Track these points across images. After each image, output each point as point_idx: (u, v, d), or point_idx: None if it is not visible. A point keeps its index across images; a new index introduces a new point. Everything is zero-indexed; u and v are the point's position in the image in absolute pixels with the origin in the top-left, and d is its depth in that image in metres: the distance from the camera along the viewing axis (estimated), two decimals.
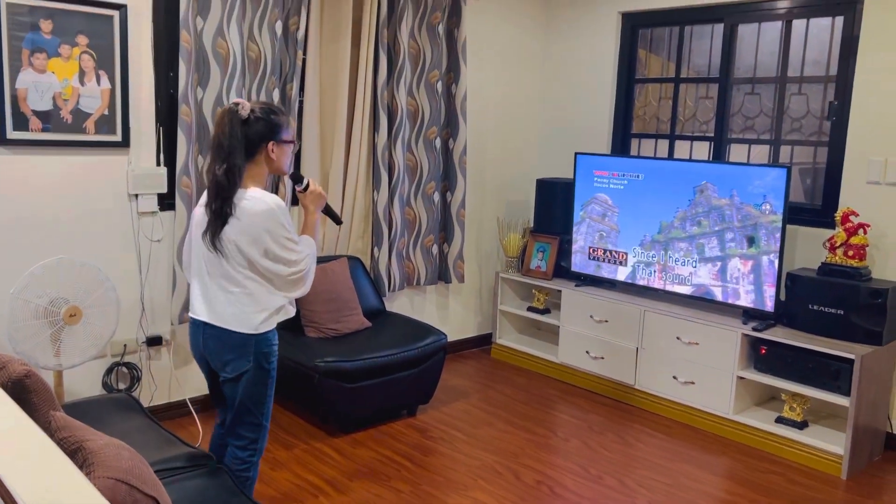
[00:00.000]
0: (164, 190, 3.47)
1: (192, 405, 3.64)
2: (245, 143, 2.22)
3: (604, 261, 4.33)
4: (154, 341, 3.53)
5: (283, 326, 3.71)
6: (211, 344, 2.32)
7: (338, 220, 2.69)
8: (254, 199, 2.21)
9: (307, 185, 2.44)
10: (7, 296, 2.84)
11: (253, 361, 2.29)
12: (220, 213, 2.20)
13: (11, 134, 3.04)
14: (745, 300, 3.73)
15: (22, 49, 3.03)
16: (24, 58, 3.04)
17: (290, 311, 2.38)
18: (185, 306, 3.50)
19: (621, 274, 4.26)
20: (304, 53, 3.80)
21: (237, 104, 2.23)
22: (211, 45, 3.45)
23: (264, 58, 3.65)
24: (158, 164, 3.46)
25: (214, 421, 2.65)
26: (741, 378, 3.67)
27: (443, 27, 4.33)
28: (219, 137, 2.22)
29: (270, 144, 2.26)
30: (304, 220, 2.46)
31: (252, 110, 2.24)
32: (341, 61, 3.97)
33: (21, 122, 3.07)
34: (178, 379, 3.64)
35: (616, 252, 4.27)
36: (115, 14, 3.24)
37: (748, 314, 3.75)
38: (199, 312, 2.34)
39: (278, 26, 3.66)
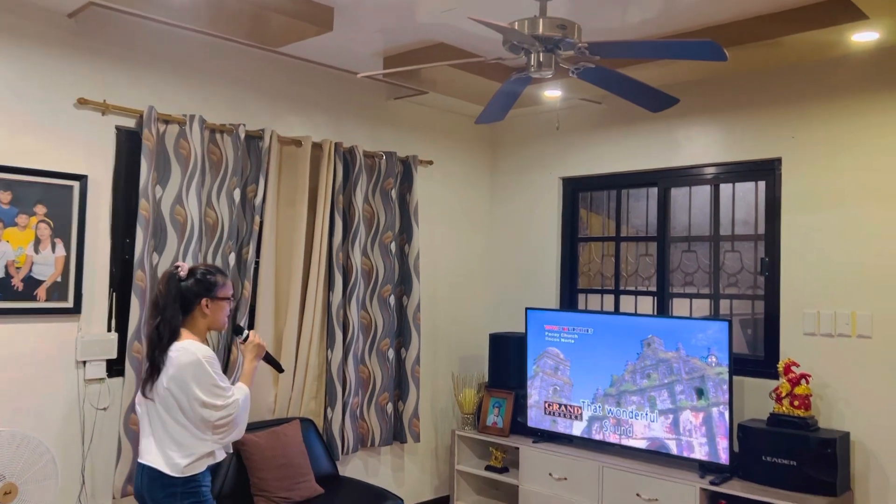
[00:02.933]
0: (114, 356, 3.41)
1: None
2: (180, 300, 2.50)
3: (559, 415, 4.33)
4: None
5: (231, 495, 3.56)
6: (146, 482, 2.49)
7: (279, 368, 2.92)
8: (183, 350, 2.44)
9: (247, 337, 2.71)
10: None
11: (180, 501, 2.44)
12: (154, 363, 2.46)
13: None
14: (700, 453, 3.75)
15: None
16: None
17: (220, 456, 2.55)
18: (130, 478, 3.33)
19: (577, 428, 4.25)
20: (262, 217, 3.92)
21: (177, 267, 2.55)
22: (169, 213, 3.54)
23: (221, 223, 3.74)
24: (109, 329, 3.43)
25: None
26: None
27: (395, 192, 4.54)
28: (157, 296, 2.54)
29: (205, 301, 2.54)
30: (242, 368, 2.69)
31: (191, 271, 2.55)
32: (297, 225, 4.09)
33: None
34: None
35: (571, 406, 4.29)
36: (76, 185, 3.33)
37: (704, 467, 3.75)
38: (141, 453, 2.53)
39: (237, 193, 3.79)
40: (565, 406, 4.31)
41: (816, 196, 3.77)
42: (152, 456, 2.47)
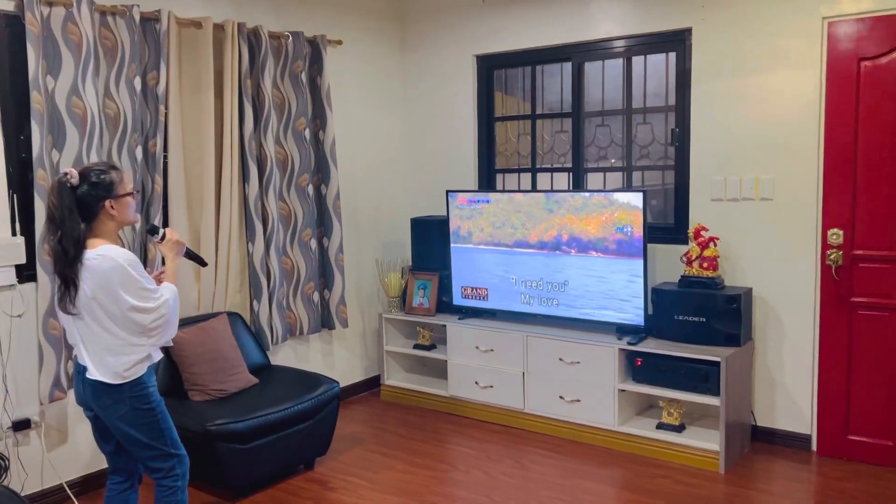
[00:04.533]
0: (23, 260, 3.22)
1: (70, 489, 3.37)
2: (80, 209, 2.33)
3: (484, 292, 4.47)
4: (21, 425, 3.25)
5: (165, 393, 3.53)
6: (89, 392, 2.44)
7: (202, 262, 2.87)
8: (102, 256, 2.33)
9: (164, 236, 2.61)
10: None
11: (129, 405, 2.41)
12: (66, 279, 2.32)
13: None
14: (617, 317, 3.97)
15: None
16: None
17: (156, 356, 2.52)
18: (56, 383, 3.25)
19: (501, 303, 4.40)
20: (166, 108, 3.69)
21: (66, 174, 2.34)
22: (65, 105, 3.28)
23: (124, 115, 3.51)
24: (14, 233, 3.22)
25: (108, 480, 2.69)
26: (622, 391, 3.89)
27: (305, 75, 4.35)
28: (50, 209, 2.33)
29: (108, 203, 2.38)
30: (165, 267, 2.60)
31: (82, 175, 2.35)
32: (205, 114, 3.88)
33: None
34: (51, 462, 3.35)
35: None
36: None
37: (622, 330, 3.99)
38: (78, 362, 2.46)
39: (137, 82, 3.54)
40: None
41: (724, 65, 3.88)
42: (91, 367, 2.40)
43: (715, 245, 3.83)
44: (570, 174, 4.63)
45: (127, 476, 2.65)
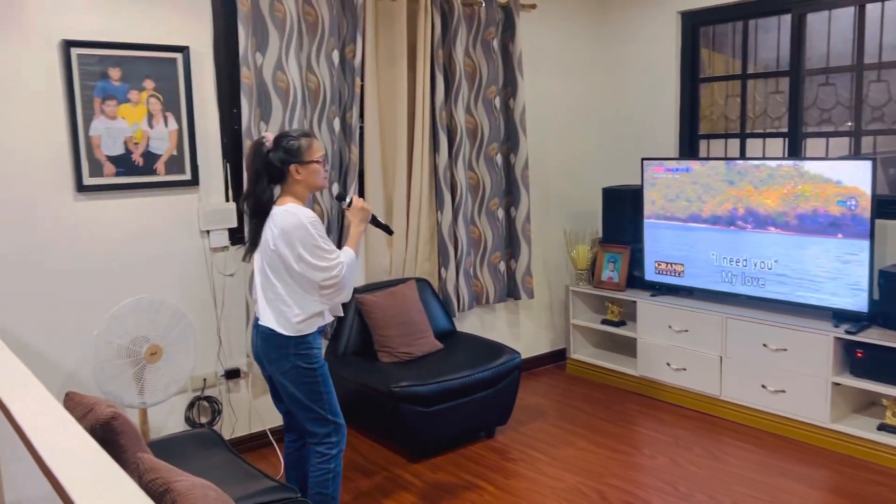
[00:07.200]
0: (234, 224, 3.52)
1: (272, 435, 3.67)
2: (269, 170, 2.50)
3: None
4: (232, 374, 3.58)
5: (355, 352, 3.72)
6: (260, 343, 2.58)
7: (389, 231, 2.88)
8: (288, 212, 2.47)
9: (350, 202, 2.68)
10: (92, 337, 2.91)
11: (293, 361, 2.51)
12: (252, 231, 2.54)
13: (88, 180, 3.15)
14: (835, 301, 3.53)
15: (93, 98, 3.13)
16: (96, 106, 3.14)
17: (328, 318, 2.61)
18: None
19: (698, 281, 4.10)
20: (362, 80, 3.82)
21: (263, 137, 2.52)
22: (271, 80, 3.50)
23: (323, 88, 3.68)
24: (227, 199, 3.52)
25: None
26: (837, 384, 3.47)
27: (497, 42, 4.30)
28: (246, 169, 2.58)
29: (293, 167, 2.50)
30: (349, 233, 2.69)
31: (276, 141, 2.51)
32: (398, 85, 3.97)
33: (96, 169, 3.17)
34: (257, 410, 3.67)
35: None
36: (179, 56, 3.33)
37: (839, 316, 3.54)
38: (257, 315, 2.61)
39: (335, 55, 3.69)
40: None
41: None
42: (266, 316, 2.52)
43: None
44: (786, 140, 4.16)
45: (298, 435, 2.79)
